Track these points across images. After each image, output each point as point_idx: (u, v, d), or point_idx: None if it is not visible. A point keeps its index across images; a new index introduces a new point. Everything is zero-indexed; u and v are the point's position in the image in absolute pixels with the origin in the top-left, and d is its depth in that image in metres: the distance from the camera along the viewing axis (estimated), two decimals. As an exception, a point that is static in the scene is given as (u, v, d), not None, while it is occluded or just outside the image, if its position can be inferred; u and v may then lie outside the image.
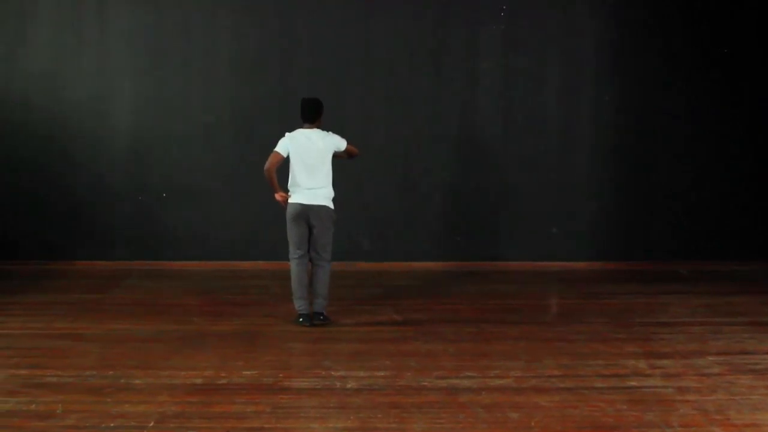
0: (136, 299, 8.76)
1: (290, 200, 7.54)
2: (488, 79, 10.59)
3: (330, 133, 7.69)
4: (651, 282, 9.74)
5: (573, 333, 7.38)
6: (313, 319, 7.59)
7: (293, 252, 7.61)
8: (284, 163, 7.59)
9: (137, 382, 5.94)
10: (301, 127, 7.69)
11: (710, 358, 6.61)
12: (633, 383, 5.98)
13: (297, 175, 7.54)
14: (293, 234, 7.58)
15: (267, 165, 7.58)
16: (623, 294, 9.11)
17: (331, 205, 7.59)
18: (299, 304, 7.61)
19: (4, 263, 10.24)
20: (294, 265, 7.62)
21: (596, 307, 8.48)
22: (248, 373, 6.17)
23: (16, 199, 10.46)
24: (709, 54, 10.66)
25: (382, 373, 6.16)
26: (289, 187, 7.59)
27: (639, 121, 10.68)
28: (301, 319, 7.57)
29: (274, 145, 10.29)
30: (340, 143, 7.72)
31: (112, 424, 5.10)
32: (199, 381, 5.97)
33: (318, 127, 7.68)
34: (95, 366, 6.29)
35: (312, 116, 7.69)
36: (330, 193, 7.59)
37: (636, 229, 10.76)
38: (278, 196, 7.63)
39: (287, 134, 7.63)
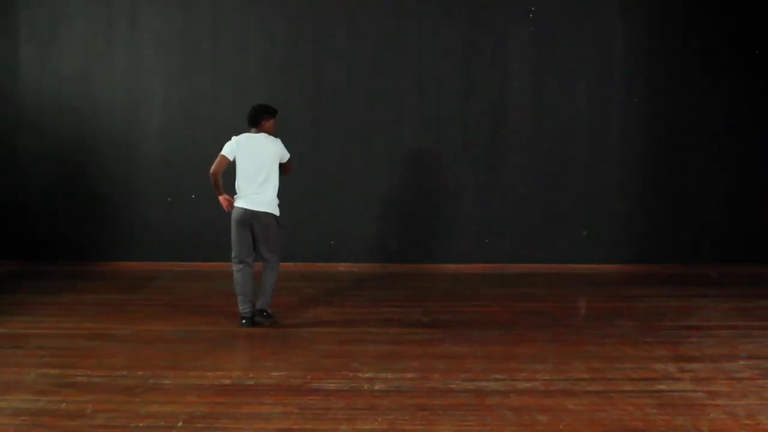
0: (165, 300, 8.81)
1: (235, 204, 7.57)
2: (518, 80, 10.55)
3: (278, 140, 7.71)
4: (681, 285, 9.66)
5: (602, 336, 7.34)
6: (255, 316, 7.63)
7: (234, 258, 7.62)
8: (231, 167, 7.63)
9: (166, 382, 5.98)
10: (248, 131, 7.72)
11: (741, 362, 6.55)
12: (662, 387, 5.94)
13: (241, 179, 7.56)
14: (235, 239, 7.58)
15: (213, 168, 7.59)
16: (653, 297, 9.04)
17: (277, 212, 7.60)
18: (241, 307, 7.61)
19: (35, 264, 10.33)
20: (234, 273, 7.63)
21: (626, 310, 8.42)
22: (276, 374, 6.19)
23: (47, 201, 10.55)
24: (742, 54, 10.53)
25: (409, 375, 6.17)
26: (236, 191, 7.61)
27: (670, 123, 10.59)
28: (244, 321, 7.58)
29: (302, 148, 10.44)
30: (285, 154, 7.75)
31: (141, 424, 5.14)
32: (227, 381, 6.01)
33: (266, 132, 7.68)
34: (125, 366, 6.34)
35: (252, 121, 7.69)
36: (274, 199, 7.59)
37: (666, 232, 10.66)
38: (222, 200, 7.66)
39: (233, 138, 7.65)
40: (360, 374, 6.19)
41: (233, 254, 7.62)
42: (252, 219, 7.48)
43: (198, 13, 10.48)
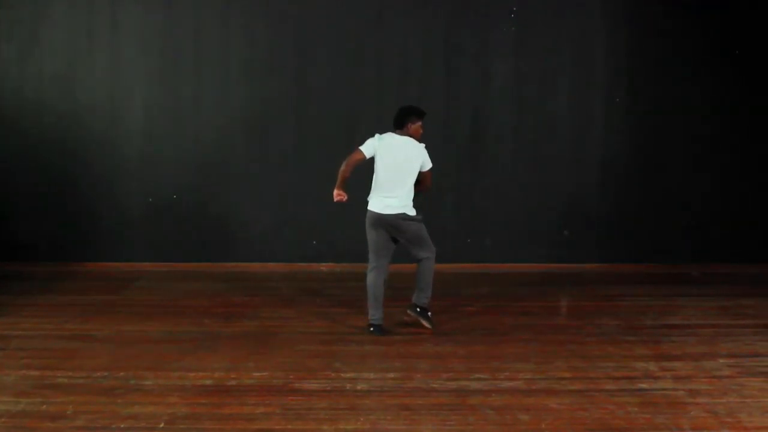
0: (147, 301, 8.79)
1: (368, 207, 7.36)
2: (499, 80, 10.58)
3: (421, 146, 7.36)
4: (662, 284, 9.71)
5: (584, 335, 7.38)
6: (413, 309, 7.57)
7: (369, 261, 7.44)
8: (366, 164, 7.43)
9: (148, 383, 5.96)
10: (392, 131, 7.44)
11: (721, 361, 6.59)
12: (643, 386, 5.97)
13: (376, 180, 7.38)
14: (369, 242, 7.39)
15: (346, 160, 7.38)
16: (634, 296, 9.08)
17: (409, 211, 7.29)
18: (371, 313, 7.41)
19: (17, 265, 10.25)
20: (368, 276, 7.42)
21: (607, 309, 8.46)
22: (258, 374, 6.18)
23: (28, 201, 10.49)
24: (723, 54, 10.61)
25: (392, 375, 6.17)
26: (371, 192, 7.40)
27: (650, 123, 10.65)
28: (371, 329, 7.39)
29: (286, 147, 10.44)
30: (426, 162, 7.37)
31: (122, 425, 5.12)
32: (209, 382, 5.99)
33: (411, 135, 7.38)
34: (106, 367, 6.30)
35: (396, 122, 7.43)
36: (405, 202, 7.30)
37: (648, 232, 10.72)
38: (335, 194, 7.34)
39: (377, 135, 7.39)
40: (342, 374, 6.19)
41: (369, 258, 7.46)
42: (382, 223, 7.30)
43: (179, 14, 10.45)
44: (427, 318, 7.52)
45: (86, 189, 10.50)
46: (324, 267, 10.55)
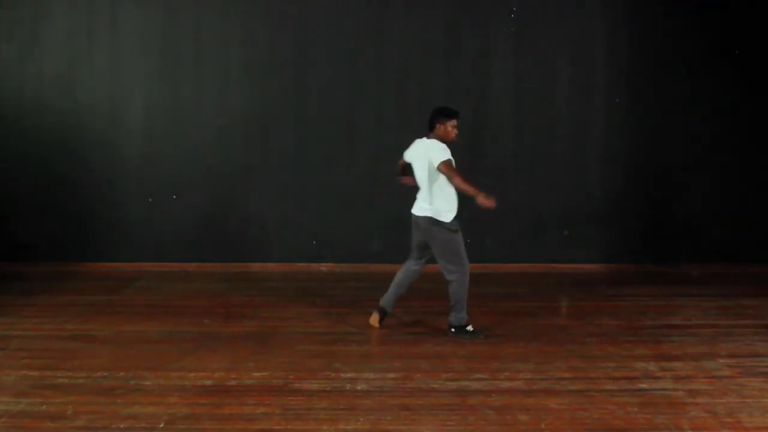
0: (147, 301, 8.78)
1: None
2: (499, 80, 10.58)
3: (436, 144, 7.14)
4: (662, 284, 9.71)
5: (584, 335, 7.38)
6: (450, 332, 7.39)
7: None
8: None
9: (148, 383, 5.96)
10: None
11: (721, 361, 6.60)
12: (643, 386, 5.97)
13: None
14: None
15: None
16: (634, 296, 9.08)
17: (436, 216, 7.17)
18: (384, 296, 7.63)
19: (17, 265, 10.25)
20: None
21: (607, 309, 8.46)
22: (258, 374, 6.18)
23: (28, 201, 10.49)
24: (723, 54, 10.61)
25: (392, 375, 6.18)
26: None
27: (650, 123, 10.64)
28: (376, 310, 7.61)
29: (286, 148, 10.44)
30: (433, 158, 7.07)
31: (122, 425, 5.12)
32: (209, 382, 5.99)
33: (439, 136, 7.22)
34: (106, 367, 6.31)
35: (428, 125, 7.33)
36: (431, 204, 7.19)
37: (648, 232, 10.72)
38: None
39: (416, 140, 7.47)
40: (342, 374, 6.19)
41: None
42: (417, 224, 7.36)
43: (179, 14, 10.44)
44: (463, 334, 7.29)
45: (86, 189, 10.49)
46: (324, 267, 10.55)
